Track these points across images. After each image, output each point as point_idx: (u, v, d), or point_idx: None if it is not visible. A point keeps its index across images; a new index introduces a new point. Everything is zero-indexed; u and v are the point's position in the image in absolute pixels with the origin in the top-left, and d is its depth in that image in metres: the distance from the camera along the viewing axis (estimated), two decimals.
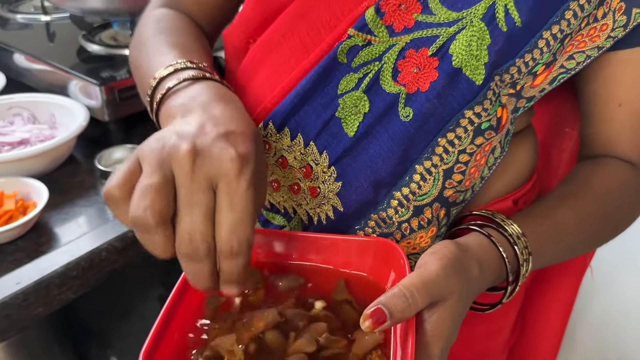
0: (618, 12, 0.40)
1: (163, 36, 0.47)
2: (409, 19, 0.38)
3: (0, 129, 0.71)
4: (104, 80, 0.72)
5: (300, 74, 0.40)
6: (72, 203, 0.65)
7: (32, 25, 0.97)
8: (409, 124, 0.39)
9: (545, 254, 0.42)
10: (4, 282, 0.51)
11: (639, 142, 0.46)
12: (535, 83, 0.40)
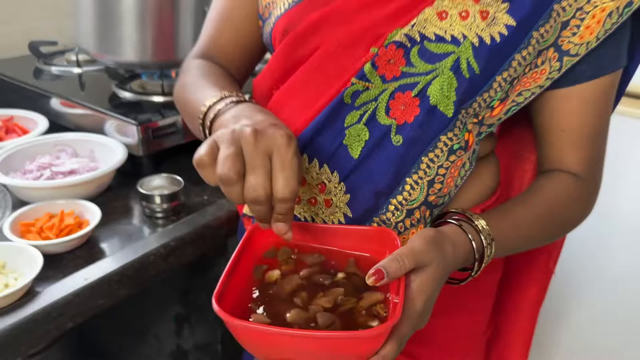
0: (553, 60, 0.55)
1: (205, 79, 0.61)
2: (396, 70, 0.53)
3: (51, 161, 0.84)
4: (141, 121, 0.86)
5: (315, 113, 0.55)
6: (116, 222, 0.77)
7: (65, 76, 1.12)
8: (400, 147, 0.53)
9: (504, 243, 0.55)
10: (74, 278, 0.63)
11: (579, 159, 0.60)
12: (493, 114, 0.56)
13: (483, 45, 0.50)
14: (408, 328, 0.44)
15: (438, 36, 0.51)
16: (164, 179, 0.81)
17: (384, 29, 0.53)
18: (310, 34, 0.57)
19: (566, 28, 0.52)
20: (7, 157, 0.83)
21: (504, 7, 0.50)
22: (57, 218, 0.72)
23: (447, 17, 0.51)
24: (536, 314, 0.80)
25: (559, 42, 0.53)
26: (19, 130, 0.94)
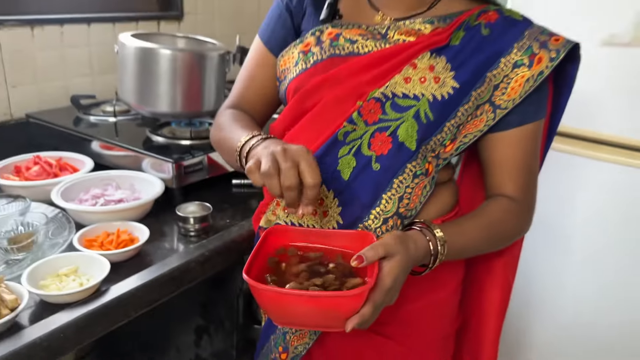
0: (488, 112, 0.76)
1: (237, 123, 0.82)
2: (375, 117, 0.74)
3: (102, 192, 1.03)
4: (175, 160, 1.07)
5: (317, 147, 0.76)
6: (158, 239, 0.96)
7: (101, 124, 1.33)
8: (378, 172, 0.74)
9: (454, 246, 0.74)
10: (132, 279, 0.81)
11: (514, 186, 0.81)
12: (446, 150, 0.77)
13: (436, 100, 0.73)
14: (380, 297, 0.63)
15: (404, 94, 0.73)
16: (196, 206, 1.00)
17: (366, 89, 0.75)
18: (314, 92, 0.79)
19: (497, 89, 0.75)
20: (65, 190, 1.02)
21: (451, 74, 0.73)
22: (114, 235, 0.90)
23: (411, 81, 0.74)
24: (502, 314, 0.98)
25: (493, 99, 0.75)
26: (70, 169, 1.13)
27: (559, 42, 0.74)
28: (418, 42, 0.75)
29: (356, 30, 0.79)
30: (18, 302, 0.71)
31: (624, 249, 1.36)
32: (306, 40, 0.82)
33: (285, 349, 0.87)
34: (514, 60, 0.74)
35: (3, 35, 1.28)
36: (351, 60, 0.77)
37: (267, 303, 0.62)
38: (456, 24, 0.75)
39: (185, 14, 1.70)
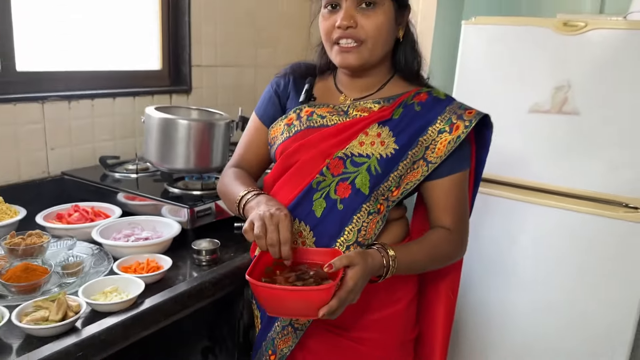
0: (422, 166, 1.04)
1: (238, 180, 1.10)
2: (339, 170, 1.02)
3: (131, 232, 1.29)
4: (190, 206, 1.33)
5: (297, 193, 1.03)
6: (177, 267, 1.20)
7: (124, 179, 1.59)
8: (342, 211, 1.01)
9: (403, 263, 0.98)
10: (162, 295, 1.06)
11: (449, 220, 1.07)
12: (393, 195, 1.04)
13: (382, 158, 1.01)
14: (344, 295, 0.87)
15: (359, 154, 1.02)
16: (207, 242, 1.26)
17: (332, 150, 1.04)
18: (295, 153, 1.07)
19: (428, 149, 1.03)
20: (102, 230, 1.27)
21: (393, 139, 1.02)
22: (144, 263, 1.15)
23: (364, 145, 1.03)
24: (448, 326, 1.22)
25: (425, 156, 1.03)
26: (103, 215, 1.39)
27: (471, 114, 1.04)
28: (369, 117, 1.04)
29: (325, 109, 1.08)
30: (79, 308, 0.95)
31: (557, 278, 1.62)
32: (289, 116, 1.12)
33: (274, 352, 1.10)
34: (438, 128, 1.03)
35: (47, 108, 1.57)
36: (321, 130, 1.06)
37: (262, 297, 0.87)
38: (397, 103, 1.05)
39: (193, 89, 2.03)
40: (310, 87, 1.12)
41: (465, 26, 1.69)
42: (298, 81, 1.16)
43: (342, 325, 1.08)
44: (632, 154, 1.49)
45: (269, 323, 1.11)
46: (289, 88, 1.16)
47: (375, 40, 1.00)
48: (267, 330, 1.11)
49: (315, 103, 1.11)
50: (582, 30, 1.50)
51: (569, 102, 1.53)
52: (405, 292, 1.13)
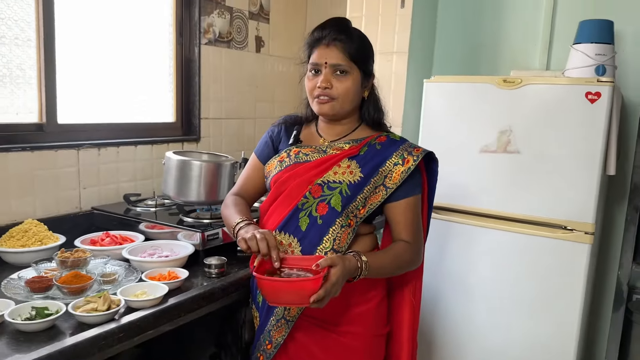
0: (382, 190, 1.33)
1: (235, 207, 1.40)
2: (318, 194, 1.32)
3: (155, 251, 1.57)
4: (201, 231, 1.63)
5: (287, 213, 1.33)
6: (192, 278, 1.48)
7: (144, 212, 1.89)
8: (321, 225, 1.31)
9: (373, 267, 1.26)
10: (181, 296, 1.33)
11: (407, 235, 1.35)
12: (361, 212, 1.33)
13: (351, 184, 1.32)
14: (329, 286, 1.15)
15: (334, 181, 1.32)
16: (216, 258, 1.54)
17: (313, 179, 1.33)
18: (285, 182, 1.37)
19: (386, 177, 1.34)
20: (130, 251, 1.56)
21: (359, 170, 1.32)
22: (166, 274, 1.44)
23: (337, 174, 1.33)
24: (414, 326, 1.48)
25: (384, 183, 1.34)
26: (129, 240, 1.68)
27: (418, 151, 1.35)
28: (342, 153, 1.36)
29: (309, 149, 1.40)
30: (120, 302, 1.23)
31: (507, 291, 1.90)
32: (281, 154, 1.43)
33: (270, 342, 1.37)
34: (393, 161, 1.34)
35: (81, 154, 1.90)
36: (305, 164, 1.36)
37: (265, 289, 1.15)
38: (363, 143, 1.37)
39: (202, 137, 2.37)
40: (297, 133, 1.45)
41: (426, 83, 2.05)
42: (288, 129, 1.49)
43: (325, 319, 1.35)
44: (565, 184, 1.80)
45: (266, 319, 1.38)
46: (281, 134, 1.49)
47: (344, 98, 1.34)
48: (264, 325, 1.38)
49: (301, 145, 1.43)
50: (518, 86, 1.85)
51: (511, 143, 1.86)
52: (375, 293, 1.40)
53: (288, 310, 1.34)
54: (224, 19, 2.45)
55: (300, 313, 1.34)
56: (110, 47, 2.07)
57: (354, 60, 1.32)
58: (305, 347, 1.36)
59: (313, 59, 1.35)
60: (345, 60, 1.31)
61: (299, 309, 1.33)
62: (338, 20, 1.37)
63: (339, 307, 1.34)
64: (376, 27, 2.37)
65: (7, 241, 1.56)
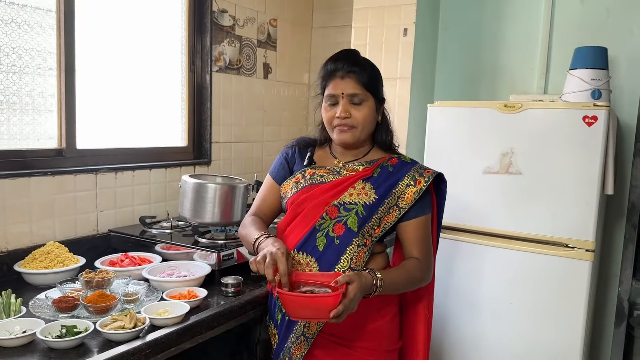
0: (396, 210, 1.40)
1: (254, 225, 1.45)
2: (335, 215, 1.39)
3: (173, 271, 1.63)
4: (217, 251, 1.69)
5: (304, 233, 1.40)
6: (209, 297, 1.54)
7: (159, 234, 1.95)
8: (339, 245, 1.37)
9: (387, 283, 1.32)
10: (202, 314, 1.39)
11: (418, 252, 1.42)
12: (376, 232, 1.40)
13: (366, 205, 1.39)
14: (347, 302, 1.21)
15: (349, 202, 1.39)
16: (232, 278, 1.60)
17: (329, 200, 1.40)
18: (301, 203, 1.43)
19: (399, 198, 1.41)
20: (149, 271, 1.62)
21: (374, 191, 1.39)
22: (186, 293, 1.49)
23: (352, 195, 1.40)
24: (427, 340, 1.54)
25: (398, 203, 1.41)
26: (147, 261, 1.74)
27: (429, 172, 1.43)
28: (356, 175, 1.43)
29: (324, 170, 1.47)
30: (145, 320, 1.29)
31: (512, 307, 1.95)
32: (296, 175, 1.49)
33: (290, 358, 1.42)
34: (406, 183, 1.41)
35: (99, 178, 1.97)
36: (321, 186, 1.43)
37: (288, 303, 1.21)
38: (376, 165, 1.44)
39: (212, 161, 2.45)
40: (311, 154, 1.52)
41: (430, 108, 2.13)
42: (302, 150, 1.55)
43: (341, 335, 1.40)
44: (565, 203, 1.88)
45: (285, 336, 1.43)
46: (295, 156, 1.55)
47: (364, 125, 1.41)
48: (284, 343, 1.43)
49: (315, 166, 1.50)
50: (519, 110, 1.94)
51: (513, 165, 1.94)
52: (389, 309, 1.46)
53: (307, 327, 1.39)
54: (234, 47, 2.55)
55: (319, 330, 1.39)
56: (126, 74, 2.16)
57: (368, 89, 1.40)
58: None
59: (329, 90, 1.41)
60: (361, 89, 1.39)
61: (318, 325, 1.38)
62: (349, 52, 1.45)
63: (355, 323, 1.39)
64: (380, 54, 2.47)
65: (31, 263, 1.61)
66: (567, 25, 2.49)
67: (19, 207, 1.71)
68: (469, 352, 2.07)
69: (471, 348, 2.07)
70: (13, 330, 1.23)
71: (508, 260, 1.96)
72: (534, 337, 1.94)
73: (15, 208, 1.70)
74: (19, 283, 1.58)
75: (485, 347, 2.03)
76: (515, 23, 2.60)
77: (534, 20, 2.55)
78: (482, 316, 2.04)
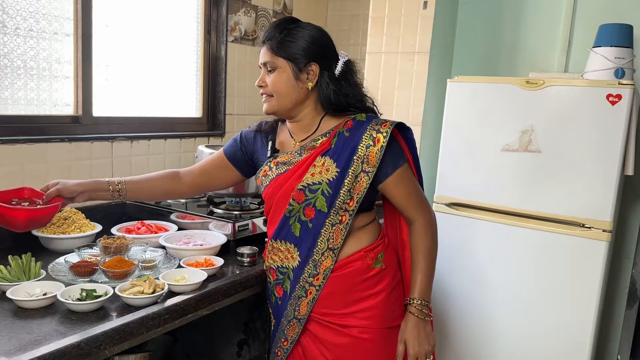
0: (364, 176, 1.30)
1: (146, 175, 1.46)
2: (302, 199, 1.34)
3: (189, 240, 1.64)
4: (233, 221, 1.69)
5: (278, 221, 1.38)
6: (225, 266, 1.54)
7: (174, 204, 1.96)
8: (312, 228, 1.34)
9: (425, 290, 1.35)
10: (220, 282, 1.40)
11: (413, 208, 1.35)
12: (350, 205, 1.34)
13: (330, 181, 1.32)
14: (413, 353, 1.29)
15: (313, 182, 1.33)
16: (248, 248, 1.60)
17: (294, 185, 1.34)
18: (272, 195, 1.38)
19: (363, 163, 1.31)
20: (167, 239, 1.63)
21: (334, 165, 1.31)
22: (203, 262, 1.50)
23: (315, 175, 1.33)
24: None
25: (363, 168, 1.31)
26: (163, 229, 1.75)
27: (386, 126, 1.31)
28: (314, 152, 1.34)
29: (286, 156, 1.40)
30: (164, 286, 1.30)
31: (527, 287, 1.95)
32: (264, 168, 1.42)
33: (285, 339, 1.44)
34: (365, 144, 1.30)
35: (115, 146, 1.96)
36: (285, 173, 1.36)
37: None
38: (332, 135, 1.34)
39: (226, 133, 2.43)
40: (273, 143, 1.45)
41: (450, 83, 2.10)
42: (263, 137, 1.50)
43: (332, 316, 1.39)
44: (583, 183, 1.85)
45: (278, 319, 1.45)
46: (257, 142, 1.51)
47: (279, 93, 1.35)
48: (278, 324, 1.45)
49: (278, 154, 1.43)
50: (541, 87, 1.90)
51: (532, 142, 1.91)
52: (380, 288, 1.39)
53: (298, 310, 1.40)
54: (250, 17, 2.51)
55: (309, 312, 1.39)
56: (142, 43, 2.14)
57: (280, 55, 1.33)
58: (318, 342, 1.41)
59: None
60: (271, 56, 1.34)
61: (308, 307, 1.38)
62: (277, 21, 1.39)
63: (344, 305, 1.38)
64: (398, 27, 2.42)
65: (48, 228, 1.62)
66: (591, 1, 2.42)
67: (37, 172, 1.72)
68: (480, 329, 2.08)
69: (481, 325, 2.07)
70: (34, 292, 1.24)
71: (523, 238, 1.95)
72: (545, 317, 1.94)
73: (32, 173, 1.70)
74: (35, 247, 1.60)
75: (495, 324, 2.04)
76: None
77: None
78: (493, 294, 2.04)
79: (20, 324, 1.12)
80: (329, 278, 1.36)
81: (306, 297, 1.38)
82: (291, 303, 1.41)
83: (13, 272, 1.31)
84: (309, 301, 1.38)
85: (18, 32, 1.70)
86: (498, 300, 2.03)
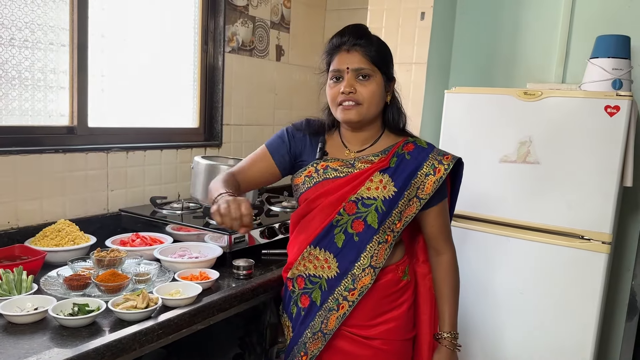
0: (416, 202, 1.35)
1: (223, 183, 1.31)
2: (353, 211, 1.34)
3: (184, 253, 1.62)
4: (229, 234, 1.67)
5: (322, 229, 1.35)
6: (221, 279, 1.52)
7: (170, 215, 1.94)
8: (358, 242, 1.33)
9: (452, 322, 1.38)
10: (214, 296, 1.37)
11: (442, 240, 1.40)
12: (397, 226, 1.35)
13: (385, 199, 1.33)
14: None
15: (368, 197, 1.34)
16: (244, 261, 1.58)
17: (346, 196, 1.34)
18: (316, 199, 1.37)
19: (419, 189, 1.35)
20: (161, 251, 1.60)
21: (392, 183, 1.33)
22: (198, 275, 1.48)
23: (370, 190, 1.34)
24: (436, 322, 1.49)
25: (417, 194, 1.35)
26: (158, 242, 1.73)
27: (448, 159, 1.36)
28: (372, 167, 1.34)
29: (336, 163, 1.37)
30: (157, 300, 1.27)
31: (527, 299, 1.93)
32: (308, 169, 1.39)
33: (305, 353, 1.39)
34: (425, 172, 1.33)
35: (110, 157, 1.95)
36: (336, 181, 1.34)
37: None
38: (391, 153, 1.36)
39: (223, 143, 2.42)
40: (323, 145, 1.42)
41: (447, 94, 2.09)
42: (312, 138, 1.44)
43: (360, 327, 1.37)
44: (583, 194, 1.84)
45: (300, 331, 1.40)
46: (306, 142, 1.44)
47: (370, 102, 1.31)
48: (299, 337, 1.40)
49: (328, 158, 1.40)
50: (538, 98, 1.90)
51: (531, 154, 1.90)
52: (405, 298, 1.42)
53: (325, 323, 1.36)
54: (247, 27, 2.51)
55: (338, 326, 1.36)
56: (138, 53, 2.13)
57: (375, 64, 1.31)
58: (339, 355, 1.38)
59: (334, 65, 1.33)
60: (367, 63, 1.30)
61: (337, 321, 1.35)
62: (356, 26, 1.36)
63: (374, 315, 1.37)
64: (396, 38, 2.42)
65: (41, 240, 1.60)
66: (588, 13, 2.43)
67: (30, 183, 1.69)
68: (480, 342, 2.05)
69: (482, 338, 2.05)
70: (24, 307, 1.22)
71: (522, 250, 1.94)
72: (546, 329, 1.92)
73: (26, 185, 1.68)
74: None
75: (496, 337, 2.02)
76: (535, 10, 2.54)
77: (554, 7, 2.49)
78: (494, 306, 2.02)
79: (10, 339, 1.09)
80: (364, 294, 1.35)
81: (337, 310, 1.35)
82: (320, 314, 1.37)
83: (4, 286, 1.28)
84: (339, 316, 1.35)
85: (13, 43, 1.69)
86: (497, 312, 2.01)
